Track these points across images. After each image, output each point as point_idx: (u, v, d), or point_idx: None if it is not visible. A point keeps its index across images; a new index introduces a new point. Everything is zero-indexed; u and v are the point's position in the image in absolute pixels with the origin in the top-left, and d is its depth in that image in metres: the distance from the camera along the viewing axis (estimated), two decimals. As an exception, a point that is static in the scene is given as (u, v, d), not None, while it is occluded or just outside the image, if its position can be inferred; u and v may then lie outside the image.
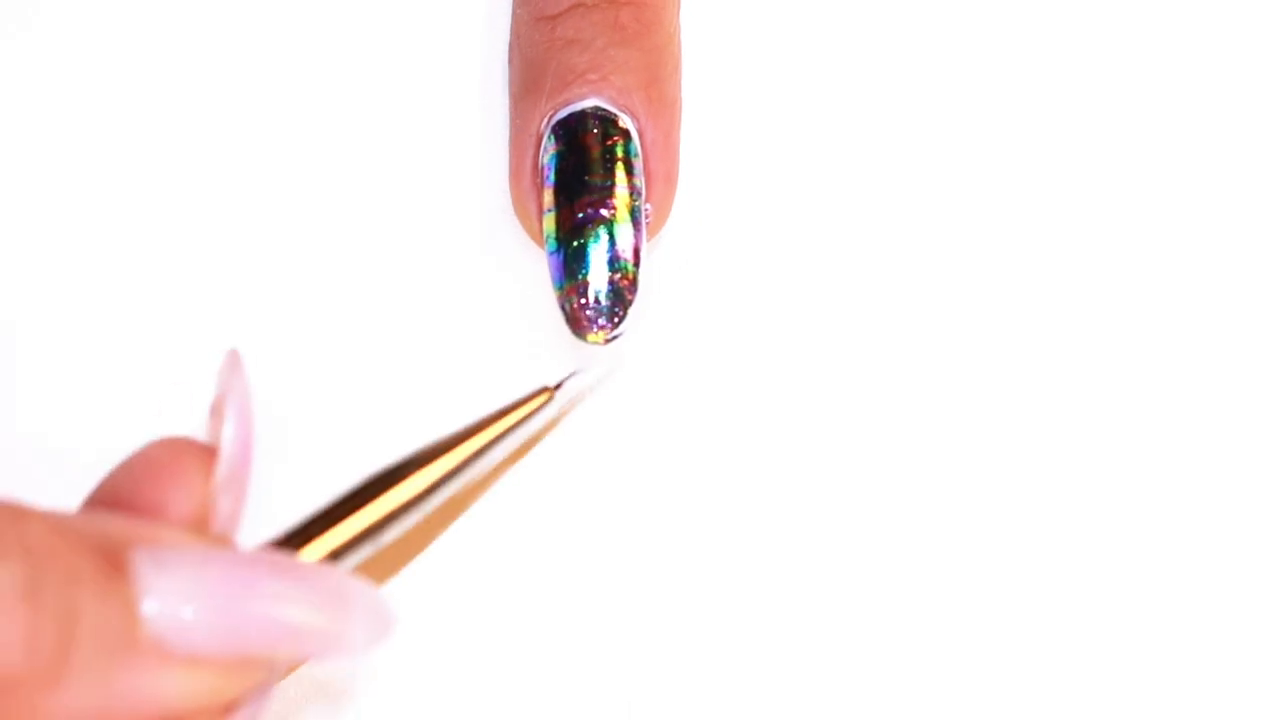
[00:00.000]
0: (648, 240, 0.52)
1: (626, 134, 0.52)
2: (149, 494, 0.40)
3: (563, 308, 0.51)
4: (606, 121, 0.52)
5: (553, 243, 0.51)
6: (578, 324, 0.50)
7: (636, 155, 0.52)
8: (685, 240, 0.54)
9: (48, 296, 0.54)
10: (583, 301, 0.50)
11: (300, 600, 0.38)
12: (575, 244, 0.51)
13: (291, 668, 0.47)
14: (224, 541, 0.40)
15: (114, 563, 0.37)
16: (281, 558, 0.39)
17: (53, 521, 0.37)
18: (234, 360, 0.42)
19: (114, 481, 0.41)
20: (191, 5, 0.58)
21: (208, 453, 0.41)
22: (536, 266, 0.54)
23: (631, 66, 0.52)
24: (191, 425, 0.51)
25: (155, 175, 0.56)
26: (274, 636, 0.38)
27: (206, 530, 0.40)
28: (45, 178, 0.56)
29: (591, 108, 0.52)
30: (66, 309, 0.54)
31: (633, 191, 0.51)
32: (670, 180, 0.53)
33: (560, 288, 0.51)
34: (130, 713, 0.37)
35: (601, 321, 0.50)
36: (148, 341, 0.54)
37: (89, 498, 0.41)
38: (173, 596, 0.37)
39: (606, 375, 0.52)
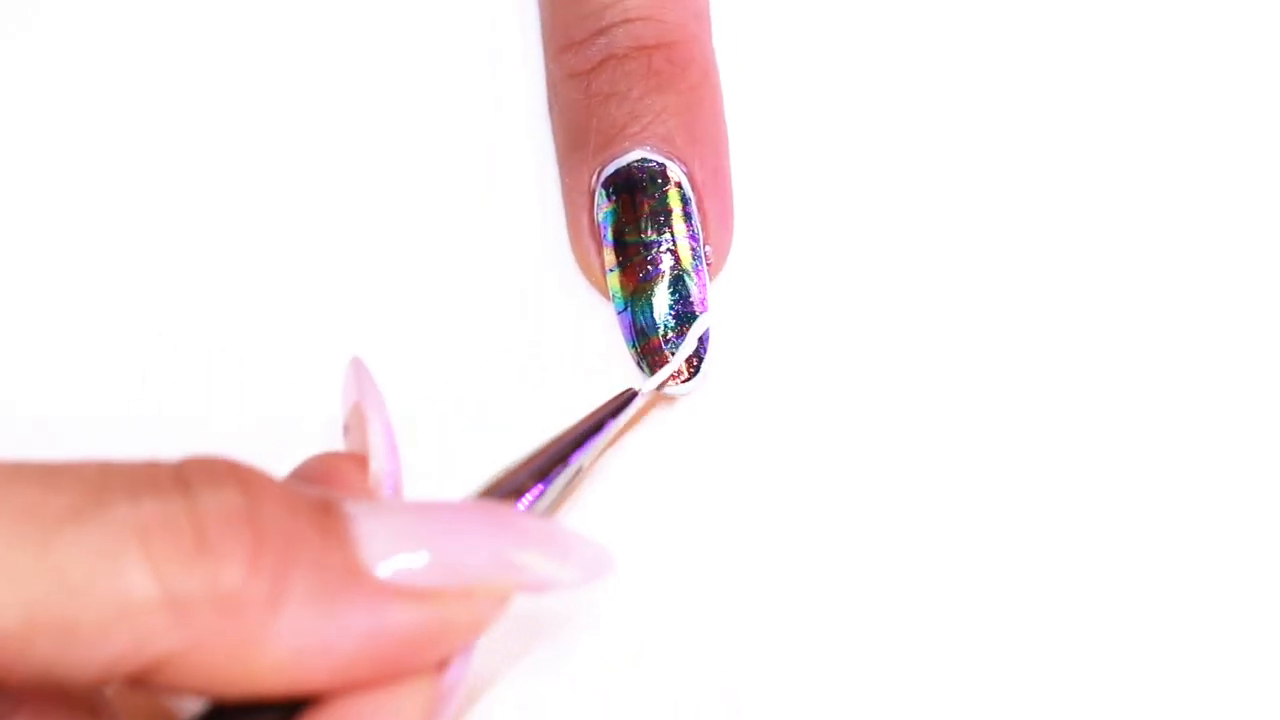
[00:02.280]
0: (711, 280, 0.53)
1: (678, 182, 0.52)
2: None
3: (639, 365, 0.52)
4: (654, 173, 0.52)
5: (620, 302, 0.52)
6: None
7: (690, 201, 0.52)
8: (741, 267, 0.54)
9: (47, 294, 0.55)
10: (658, 359, 0.51)
11: (521, 544, 0.40)
12: (642, 303, 0.52)
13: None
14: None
15: (327, 508, 0.38)
16: (484, 501, 0.41)
17: (265, 473, 0.38)
18: (360, 368, 0.45)
19: None
20: (194, 8, 0.58)
21: (358, 461, 0.44)
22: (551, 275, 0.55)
23: (671, 111, 0.52)
24: (187, 420, 0.53)
25: (157, 175, 0.56)
26: (487, 568, 0.39)
27: None
28: (45, 176, 0.56)
29: (638, 160, 0.52)
30: (66, 305, 0.54)
31: (691, 239, 0.52)
32: (726, 217, 0.53)
33: (634, 347, 0.52)
34: (356, 645, 0.38)
35: (679, 375, 0.51)
36: (149, 338, 0.54)
37: None
38: (390, 536, 0.39)
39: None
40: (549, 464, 0.47)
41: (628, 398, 0.50)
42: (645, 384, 0.52)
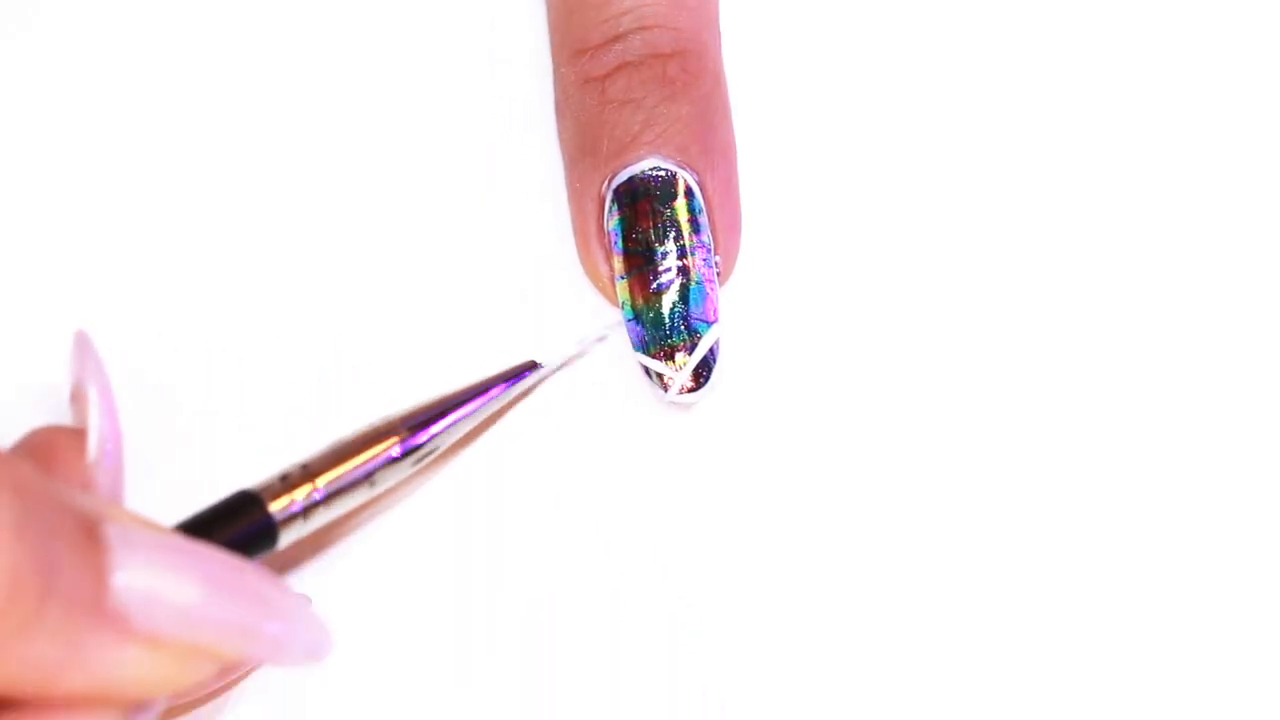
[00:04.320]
0: (720, 286, 0.53)
1: (689, 191, 0.52)
2: None
3: (647, 372, 0.52)
4: (666, 182, 0.52)
5: (629, 310, 0.52)
6: (666, 389, 0.51)
7: (700, 211, 0.52)
8: (750, 276, 0.54)
9: (46, 293, 0.54)
10: (667, 368, 0.51)
11: (253, 605, 0.40)
12: (652, 313, 0.52)
13: (232, 675, 0.49)
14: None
15: (89, 530, 0.38)
16: (240, 561, 0.40)
17: (42, 480, 0.37)
18: (83, 341, 0.44)
19: None
20: (194, 9, 0.58)
21: (80, 435, 0.43)
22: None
23: (685, 120, 0.52)
24: (187, 419, 0.53)
25: (157, 175, 0.56)
26: (227, 631, 0.39)
27: None
28: (43, 176, 0.56)
29: (651, 168, 0.52)
30: (65, 305, 0.54)
31: (702, 248, 0.52)
32: (735, 227, 0.53)
33: (643, 355, 0.52)
34: (82, 679, 0.37)
35: (687, 385, 0.51)
36: (148, 338, 0.54)
37: None
38: (141, 574, 0.38)
39: (591, 347, 0.53)
40: (426, 417, 0.48)
41: (525, 368, 0.51)
42: (662, 396, 0.52)
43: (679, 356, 0.52)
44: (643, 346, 0.52)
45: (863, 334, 0.54)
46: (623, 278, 0.52)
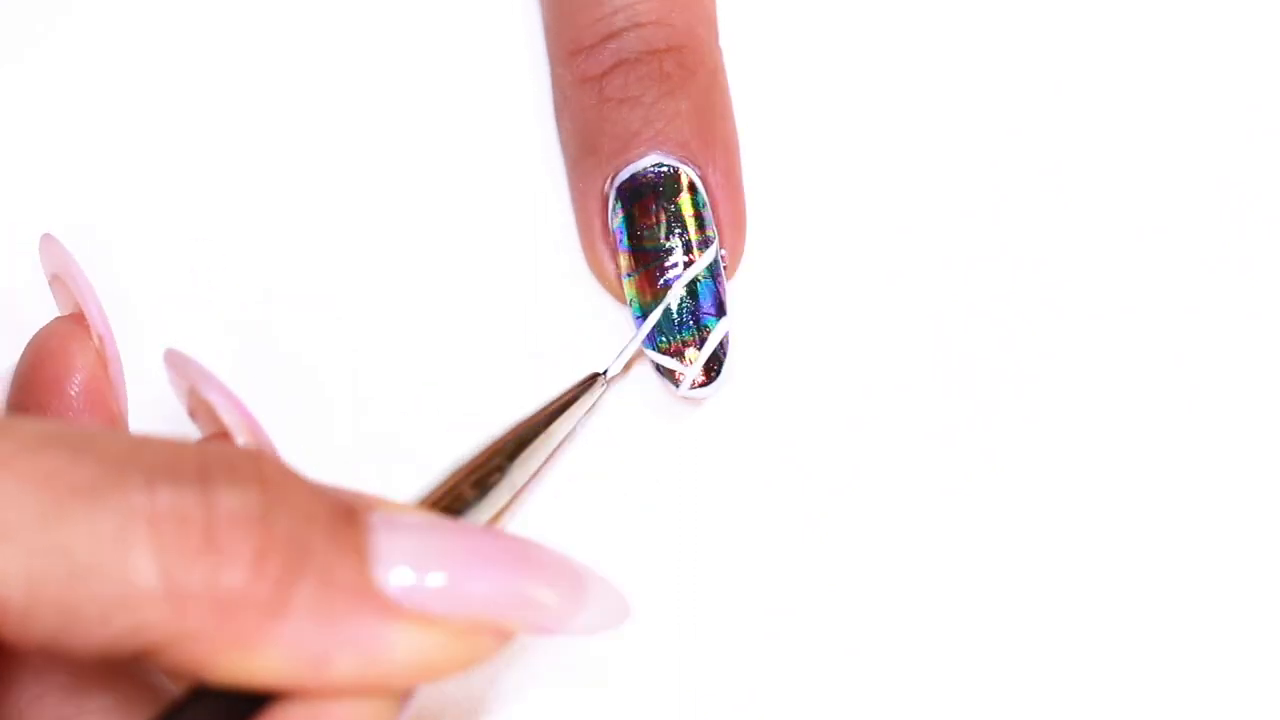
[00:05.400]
0: (728, 280, 0.52)
1: (692, 186, 0.52)
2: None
3: (657, 368, 0.52)
4: (669, 178, 0.52)
5: (637, 308, 0.52)
6: (677, 384, 0.51)
7: (704, 205, 0.52)
8: (757, 269, 0.54)
9: (46, 293, 0.53)
10: (678, 364, 0.51)
11: (539, 580, 0.39)
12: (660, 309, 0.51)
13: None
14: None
15: (349, 516, 0.38)
16: (508, 534, 0.40)
17: (290, 471, 0.38)
18: (177, 357, 0.45)
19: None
20: (196, 14, 0.57)
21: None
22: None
23: (684, 115, 0.52)
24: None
25: (159, 176, 0.56)
26: (500, 604, 0.39)
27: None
28: (44, 177, 0.56)
29: (652, 164, 0.52)
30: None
31: (706, 244, 0.52)
32: (739, 220, 0.53)
33: (653, 350, 0.52)
34: (351, 661, 0.38)
35: (699, 379, 0.51)
36: (151, 338, 0.54)
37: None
38: (408, 555, 0.38)
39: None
40: (493, 466, 0.47)
41: (588, 382, 0.51)
42: (674, 392, 0.52)
43: (689, 352, 0.52)
44: (653, 343, 0.52)
45: (875, 324, 0.54)
46: (629, 275, 0.52)
